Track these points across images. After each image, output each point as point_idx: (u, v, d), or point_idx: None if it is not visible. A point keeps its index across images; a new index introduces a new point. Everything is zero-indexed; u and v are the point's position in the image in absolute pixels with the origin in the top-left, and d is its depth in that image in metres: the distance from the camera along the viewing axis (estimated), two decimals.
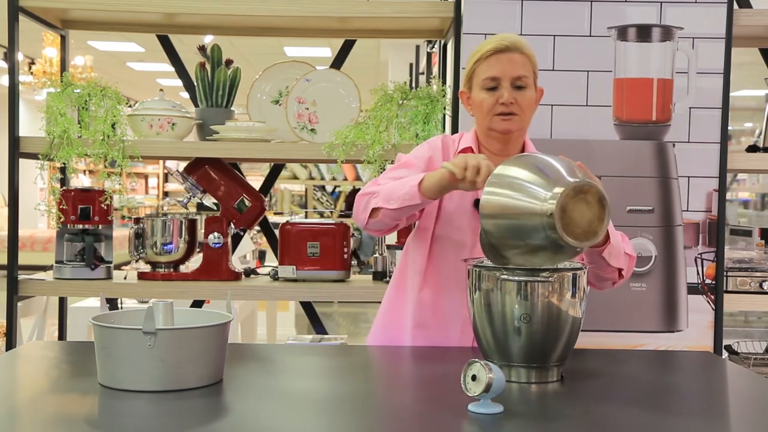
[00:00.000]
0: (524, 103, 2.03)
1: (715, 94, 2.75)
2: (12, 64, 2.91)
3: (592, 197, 1.68)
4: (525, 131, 2.11)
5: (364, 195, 2.02)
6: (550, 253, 1.70)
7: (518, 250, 1.72)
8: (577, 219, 1.66)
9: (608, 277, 2.03)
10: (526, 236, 1.68)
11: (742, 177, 10.58)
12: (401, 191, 1.93)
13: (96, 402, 1.57)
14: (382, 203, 1.97)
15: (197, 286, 2.99)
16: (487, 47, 2.03)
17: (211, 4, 2.95)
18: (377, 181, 2.06)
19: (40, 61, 9.26)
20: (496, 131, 2.05)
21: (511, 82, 2.01)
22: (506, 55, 2.01)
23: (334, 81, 3.07)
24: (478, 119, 2.10)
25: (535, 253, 1.71)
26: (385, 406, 1.63)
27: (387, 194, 1.96)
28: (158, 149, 2.98)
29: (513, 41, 2.03)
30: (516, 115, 2.02)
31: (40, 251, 10.74)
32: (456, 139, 2.16)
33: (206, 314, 1.77)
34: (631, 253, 2.05)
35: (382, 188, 1.99)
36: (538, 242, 1.67)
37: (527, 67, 2.03)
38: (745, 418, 1.63)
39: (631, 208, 2.72)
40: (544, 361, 1.74)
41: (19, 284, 2.93)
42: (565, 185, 1.65)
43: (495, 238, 1.74)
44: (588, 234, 1.68)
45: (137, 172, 15.06)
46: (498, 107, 2.02)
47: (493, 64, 2.02)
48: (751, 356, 3.05)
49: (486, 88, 2.03)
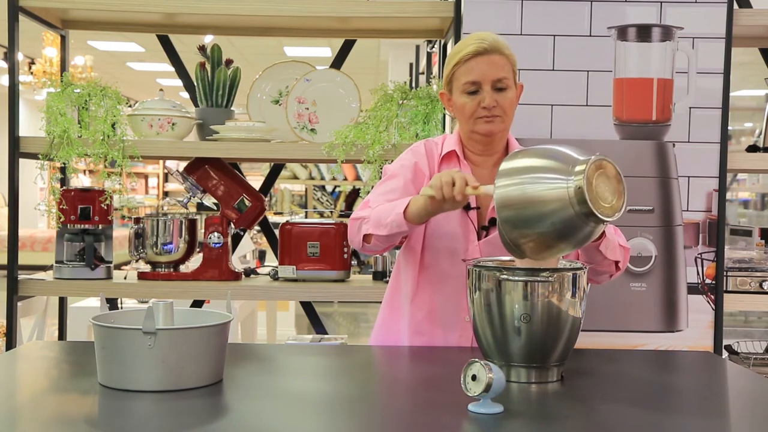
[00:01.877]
0: (506, 105, 2.02)
1: (715, 94, 2.75)
2: (12, 64, 2.91)
3: (610, 171, 1.69)
4: (508, 130, 2.11)
5: (356, 219, 2.01)
6: (571, 235, 1.69)
7: (539, 239, 1.70)
8: (601, 194, 1.67)
9: (605, 271, 2.03)
10: (549, 219, 1.67)
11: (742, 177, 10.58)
12: (389, 218, 1.93)
13: (96, 402, 1.57)
14: (372, 230, 1.97)
15: (197, 286, 2.99)
16: (465, 50, 2.01)
17: (211, 4, 2.95)
18: (368, 202, 2.05)
19: (40, 61, 9.26)
20: (480, 134, 2.05)
21: (492, 84, 2.00)
22: (485, 58, 2.00)
23: (334, 81, 3.07)
24: (461, 122, 2.09)
25: (556, 240, 1.70)
26: (385, 406, 1.63)
27: (376, 220, 1.96)
28: (158, 149, 2.98)
29: (491, 43, 2.01)
30: (498, 116, 2.02)
31: (40, 251, 10.75)
32: (439, 143, 2.15)
33: (206, 314, 1.77)
34: (624, 244, 2.05)
35: (372, 213, 1.98)
36: (561, 225, 1.66)
37: (507, 68, 2.02)
38: (745, 418, 1.63)
39: (631, 208, 2.71)
40: (544, 361, 1.74)
41: (19, 284, 2.93)
42: (586, 161, 1.66)
43: (514, 231, 1.72)
44: (614, 208, 1.69)
45: (137, 172, 15.07)
46: (480, 111, 2.01)
47: (472, 68, 2.00)
48: (751, 356, 3.05)
49: (467, 92, 2.02)
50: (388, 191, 2.05)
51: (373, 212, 1.98)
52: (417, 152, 2.13)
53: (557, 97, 2.72)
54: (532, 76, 2.72)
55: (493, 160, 2.10)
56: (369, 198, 2.07)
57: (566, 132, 2.72)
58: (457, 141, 2.12)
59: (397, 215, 1.91)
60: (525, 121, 2.71)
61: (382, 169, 2.23)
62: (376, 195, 2.06)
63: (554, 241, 1.71)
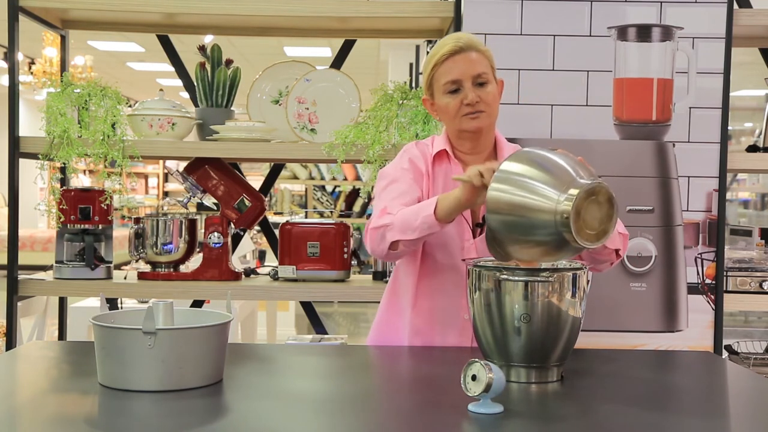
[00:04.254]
0: (489, 99, 2.03)
1: (715, 94, 2.75)
2: (12, 64, 2.91)
3: (602, 197, 1.69)
4: (494, 125, 2.11)
5: (378, 228, 1.99)
6: (556, 249, 1.71)
7: (523, 246, 1.73)
8: (589, 221, 1.68)
9: (605, 259, 2.03)
10: (534, 233, 1.69)
11: (742, 177, 10.58)
12: (417, 221, 1.92)
13: (96, 402, 1.57)
14: (399, 236, 1.95)
15: (197, 286, 2.99)
16: (442, 51, 2.03)
17: (211, 4, 2.95)
18: (385, 209, 2.01)
19: (40, 61, 9.26)
20: (467, 131, 2.06)
21: (473, 80, 2.01)
22: (462, 56, 2.02)
23: (334, 81, 3.07)
24: (447, 123, 2.10)
25: (541, 248, 1.72)
26: (385, 406, 1.63)
27: (402, 225, 1.95)
28: (158, 149, 2.98)
29: (467, 41, 2.03)
30: (483, 111, 2.03)
31: (40, 251, 10.75)
32: (429, 143, 2.15)
33: (206, 314, 1.77)
34: (623, 231, 2.05)
35: (394, 220, 1.96)
36: (547, 238, 1.68)
37: (484, 63, 2.03)
38: (745, 418, 1.63)
39: (631, 208, 2.72)
40: (544, 361, 1.74)
41: (19, 284, 2.93)
42: (578, 187, 1.66)
43: (500, 234, 1.74)
44: (599, 234, 1.70)
45: (137, 172, 15.07)
46: (464, 108, 2.02)
47: (451, 67, 2.02)
48: (751, 356, 3.05)
49: (448, 92, 2.03)
50: (399, 195, 2.04)
51: (396, 219, 1.97)
52: (412, 153, 2.13)
53: (557, 97, 2.72)
54: (532, 76, 2.72)
55: (482, 157, 2.11)
56: (383, 205, 2.03)
57: (566, 132, 2.72)
58: (445, 141, 2.13)
59: (428, 216, 1.90)
60: (525, 121, 2.72)
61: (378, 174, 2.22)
62: (389, 200, 2.04)
63: (536, 252, 1.74)
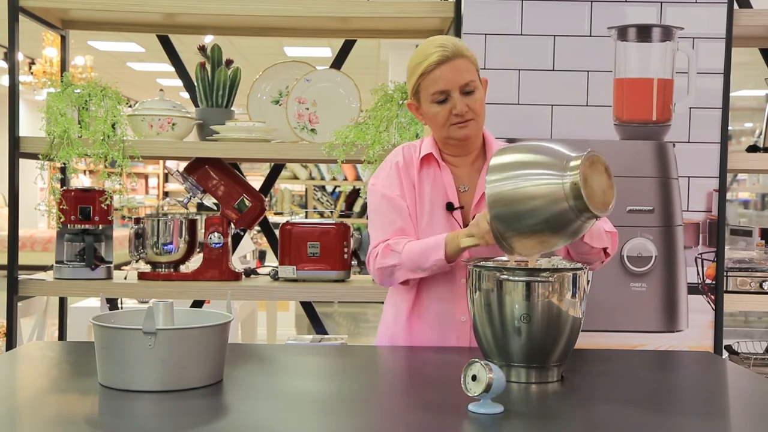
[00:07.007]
0: (477, 107, 2.02)
1: (715, 94, 2.75)
2: (12, 64, 2.91)
3: (601, 166, 1.71)
4: (482, 128, 2.11)
5: (385, 268, 2.04)
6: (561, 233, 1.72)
7: (530, 234, 1.73)
8: (595, 189, 1.69)
9: (595, 259, 2.03)
10: (543, 214, 1.69)
11: (742, 177, 10.58)
12: (427, 263, 1.99)
13: (96, 402, 1.57)
14: (410, 275, 2.03)
15: (197, 286, 2.99)
16: (429, 60, 1.99)
17: (211, 4, 2.96)
18: (388, 245, 2.04)
19: (40, 61, 9.26)
20: (456, 139, 2.05)
21: (461, 90, 2.00)
22: (449, 65, 1.99)
23: (334, 81, 3.07)
24: (434, 130, 2.09)
25: (547, 235, 1.72)
26: (385, 406, 1.63)
27: (412, 265, 2.01)
28: (158, 149, 2.98)
29: (453, 49, 1.99)
30: (472, 120, 2.02)
31: (40, 251, 10.75)
32: (417, 146, 2.15)
33: (206, 314, 1.77)
34: (610, 229, 2.05)
35: (401, 259, 2.01)
36: (556, 218, 1.68)
37: (471, 70, 2.01)
38: (745, 418, 1.63)
39: (631, 208, 2.71)
40: (544, 361, 1.74)
41: (19, 284, 2.93)
42: (579, 156, 1.68)
43: (506, 225, 1.73)
44: (606, 203, 1.71)
45: (137, 172, 15.08)
46: (453, 118, 2.01)
47: (439, 77, 1.99)
48: (751, 356, 3.05)
49: (436, 102, 2.02)
50: (391, 221, 2.07)
51: (404, 259, 2.01)
52: (398, 163, 2.12)
53: (557, 97, 2.72)
54: (532, 76, 2.72)
55: (470, 158, 2.11)
56: (383, 236, 2.06)
57: (566, 132, 2.72)
58: (432, 144, 2.12)
59: (439, 260, 1.98)
60: (525, 121, 2.72)
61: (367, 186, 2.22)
62: (389, 230, 2.06)
63: (545, 236, 1.73)
